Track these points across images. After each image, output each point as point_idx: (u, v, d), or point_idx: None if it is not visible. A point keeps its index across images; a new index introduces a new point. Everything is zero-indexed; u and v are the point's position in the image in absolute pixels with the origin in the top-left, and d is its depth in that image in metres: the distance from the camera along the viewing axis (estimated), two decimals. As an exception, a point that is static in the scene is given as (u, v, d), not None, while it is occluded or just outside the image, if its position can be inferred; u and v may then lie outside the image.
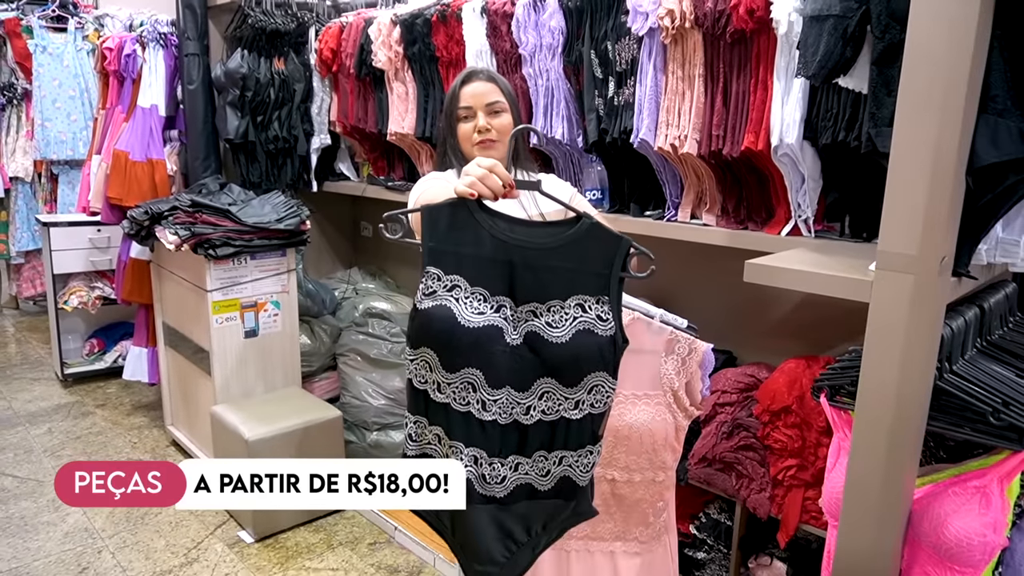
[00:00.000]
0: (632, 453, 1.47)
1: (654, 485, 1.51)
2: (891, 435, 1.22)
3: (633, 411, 1.45)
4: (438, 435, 1.18)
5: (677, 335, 1.46)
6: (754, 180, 1.81)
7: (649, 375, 1.46)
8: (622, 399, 1.44)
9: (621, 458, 1.48)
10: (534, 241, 1.14)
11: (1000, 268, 1.53)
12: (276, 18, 3.04)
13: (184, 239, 2.57)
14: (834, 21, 1.32)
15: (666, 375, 1.47)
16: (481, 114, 1.53)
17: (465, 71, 1.60)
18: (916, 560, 1.31)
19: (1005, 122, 1.12)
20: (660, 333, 1.46)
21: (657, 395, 1.47)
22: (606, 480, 1.50)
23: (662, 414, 1.46)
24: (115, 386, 4.03)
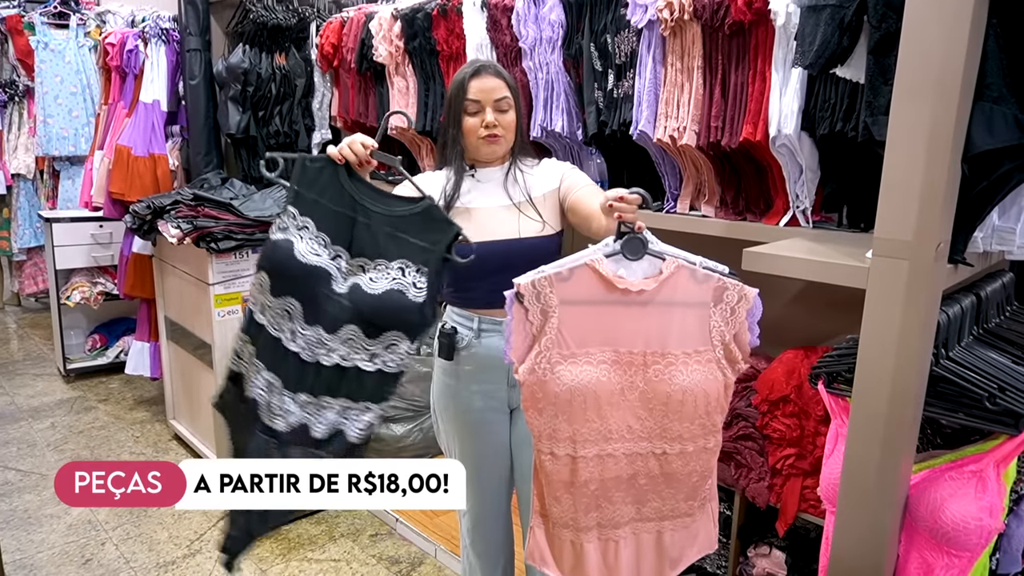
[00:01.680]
0: (686, 420, 1.33)
1: (705, 453, 1.38)
2: (888, 421, 1.23)
3: (685, 372, 1.30)
4: (251, 353, 1.33)
5: (725, 282, 1.31)
6: (752, 171, 1.82)
7: (697, 329, 1.31)
8: (671, 360, 1.30)
9: (674, 427, 1.33)
10: (381, 208, 1.34)
11: (996, 256, 1.54)
12: (277, 13, 3.06)
13: (186, 232, 2.58)
14: (831, 11, 1.33)
15: (716, 327, 1.32)
16: (489, 109, 1.55)
17: (474, 64, 1.61)
18: (913, 545, 1.32)
19: (1000, 109, 1.13)
20: (707, 281, 1.31)
21: (707, 351, 1.32)
22: (654, 456, 1.35)
23: (713, 372, 1.32)
24: (117, 381, 4.05)
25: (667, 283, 1.27)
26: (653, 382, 1.30)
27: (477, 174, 1.66)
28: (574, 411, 1.28)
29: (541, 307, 1.25)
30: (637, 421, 1.32)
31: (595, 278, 1.26)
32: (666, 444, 1.35)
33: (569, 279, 1.26)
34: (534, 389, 1.28)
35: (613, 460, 1.32)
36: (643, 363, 1.29)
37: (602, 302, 1.27)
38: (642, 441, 1.33)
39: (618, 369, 1.29)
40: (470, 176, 1.66)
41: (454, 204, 1.62)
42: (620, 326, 1.29)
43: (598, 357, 1.28)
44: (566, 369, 1.26)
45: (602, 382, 1.27)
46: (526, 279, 1.25)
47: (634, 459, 1.33)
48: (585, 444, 1.30)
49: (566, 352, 1.27)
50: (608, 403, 1.29)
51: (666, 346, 1.29)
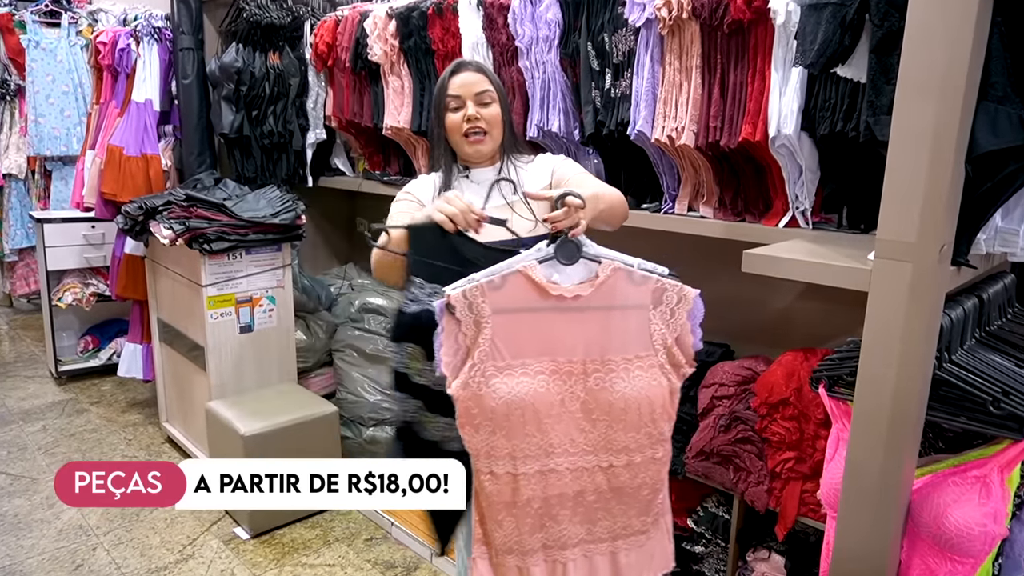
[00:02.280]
0: (631, 429, 1.28)
1: (654, 464, 1.33)
2: (890, 425, 1.22)
3: (627, 378, 1.25)
4: (418, 406, 1.38)
5: (664, 283, 1.26)
6: (751, 171, 1.81)
7: (638, 333, 1.27)
8: (611, 367, 1.25)
9: (619, 437, 1.28)
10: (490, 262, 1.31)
11: (999, 258, 1.53)
12: (271, 12, 3.02)
13: (179, 234, 2.55)
14: (832, 9, 1.31)
15: (657, 330, 1.27)
16: (470, 103, 1.53)
17: (454, 62, 1.61)
18: (916, 550, 1.30)
19: (1005, 109, 1.11)
20: (644, 283, 1.26)
21: (649, 355, 1.27)
22: (601, 470, 1.31)
23: (656, 377, 1.27)
24: (110, 383, 4.01)
25: (603, 287, 1.24)
26: (594, 391, 1.25)
27: (471, 175, 1.64)
28: (512, 425, 1.24)
29: (474, 318, 1.21)
30: (580, 433, 1.27)
31: (528, 285, 1.23)
32: (612, 456, 1.30)
33: (502, 287, 1.22)
34: (469, 405, 1.23)
35: (556, 476, 1.27)
36: (583, 372, 1.25)
37: (537, 309, 1.23)
38: (587, 454, 1.28)
39: (557, 379, 1.25)
40: (464, 177, 1.63)
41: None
42: (557, 334, 1.25)
43: (535, 367, 1.24)
44: (502, 382, 1.22)
45: (540, 393, 1.23)
46: (456, 289, 1.21)
47: (579, 474, 1.29)
48: (526, 460, 1.26)
49: (501, 364, 1.22)
50: (548, 415, 1.25)
51: (606, 352, 1.25)
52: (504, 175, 1.63)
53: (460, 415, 1.24)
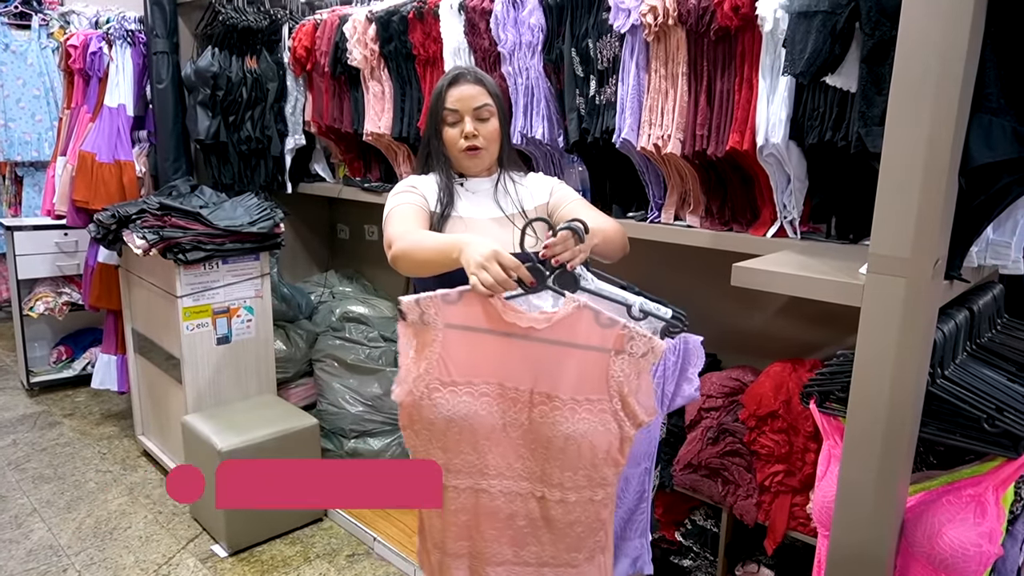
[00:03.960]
0: (568, 469, 1.25)
1: (591, 505, 1.29)
2: (884, 442, 1.19)
3: (572, 419, 1.22)
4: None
5: (632, 330, 1.21)
6: (739, 181, 1.78)
7: (594, 376, 1.22)
8: (558, 404, 1.22)
9: (555, 474, 1.26)
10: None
11: (989, 270, 1.51)
12: (248, 15, 2.96)
13: (152, 243, 2.48)
14: (823, 17, 1.28)
15: (615, 377, 1.22)
16: (468, 119, 1.49)
17: (452, 71, 1.55)
18: (909, 570, 1.28)
19: (999, 121, 1.09)
20: (611, 327, 1.21)
21: (602, 400, 1.23)
22: (535, 498, 1.29)
23: (606, 423, 1.23)
24: (84, 395, 3.91)
25: (563, 323, 1.21)
26: (537, 423, 1.24)
27: (467, 184, 1.61)
28: (449, 442, 1.24)
29: (425, 328, 1.21)
30: (518, 459, 1.26)
31: (484, 305, 1.21)
32: (546, 489, 1.28)
33: (457, 303, 1.20)
34: (411, 412, 1.24)
35: (488, 496, 1.27)
36: (529, 401, 1.23)
37: (490, 332, 1.22)
38: (522, 481, 1.28)
39: (502, 404, 1.23)
40: (459, 185, 1.60)
41: (449, 213, 1.55)
42: (508, 360, 1.22)
43: (481, 389, 1.22)
44: (444, 397, 1.21)
45: (481, 416, 1.22)
46: (410, 297, 1.20)
47: (513, 498, 1.28)
48: (458, 475, 1.27)
49: (446, 379, 1.21)
50: (486, 438, 1.24)
51: (555, 388, 1.22)
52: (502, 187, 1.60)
53: (401, 418, 1.26)
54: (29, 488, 2.89)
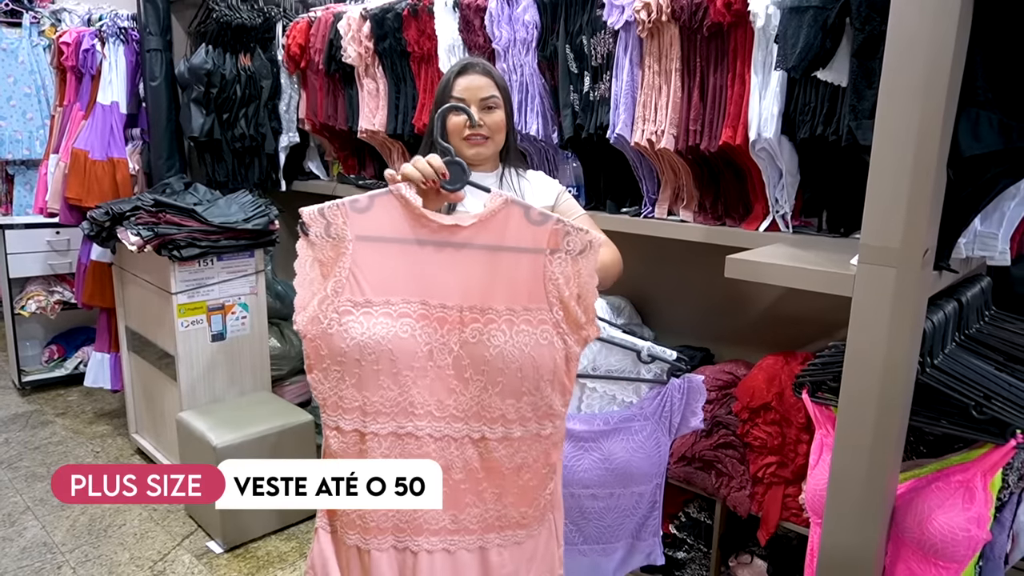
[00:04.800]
0: (510, 395, 1.07)
1: (539, 443, 1.12)
2: (875, 431, 1.21)
3: (510, 333, 1.05)
4: None
5: (567, 226, 1.07)
6: (732, 175, 1.80)
7: (530, 281, 1.07)
8: (493, 317, 1.06)
9: (495, 404, 1.08)
10: None
11: (976, 261, 1.53)
12: (242, 13, 2.96)
13: (147, 240, 2.48)
14: (814, 12, 1.30)
15: (552, 280, 1.07)
16: (474, 108, 1.49)
17: (462, 61, 1.55)
18: (900, 556, 1.30)
19: (986, 114, 1.11)
20: (543, 222, 1.07)
21: (541, 310, 1.07)
22: (471, 441, 1.10)
23: (548, 336, 1.07)
24: (76, 394, 3.89)
25: (491, 222, 1.07)
26: (470, 344, 1.06)
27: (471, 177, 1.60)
28: (364, 374, 1.05)
29: (331, 242, 1.04)
30: (450, 395, 1.08)
31: (401, 210, 1.06)
32: (485, 426, 1.09)
33: (368, 209, 1.05)
34: (317, 344, 1.05)
35: (416, 443, 1.08)
36: (459, 320, 1.07)
37: (410, 241, 1.06)
38: (456, 421, 1.09)
39: (427, 326, 1.06)
40: None
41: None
42: (433, 272, 1.06)
43: (400, 308, 1.05)
44: (356, 321, 1.03)
45: (402, 339, 1.04)
46: (312, 208, 1.04)
47: (446, 445, 1.09)
48: (377, 418, 1.07)
49: (359, 299, 1.04)
50: (410, 367, 1.06)
51: (488, 300, 1.06)
52: (507, 182, 1.58)
53: (308, 356, 1.08)
54: (22, 486, 2.88)
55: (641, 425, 1.45)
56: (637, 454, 1.44)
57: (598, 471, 1.43)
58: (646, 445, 1.44)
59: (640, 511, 1.52)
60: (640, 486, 1.48)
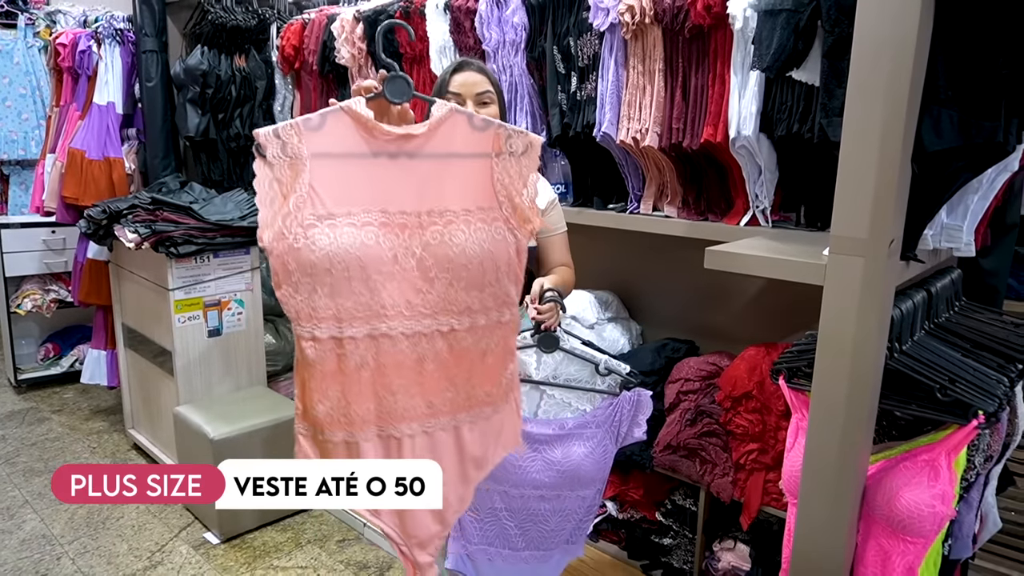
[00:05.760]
0: (474, 288, 1.17)
1: (500, 328, 1.23)
2: (846, 413, 1.27)
3: (469, 231, 1.15)
4: None
5: (508, 129, 1.17)
6: (713, 172, 1.86)
7: (480, 183, 1.16)
8: (450, 218, 1.14)
9: (460, 298, 1.17)
10: None
11: (945, 254, 1.60)
12: (236, 15, 3.01)
13: (145, 237, 2.53)
14: (787, 15, 1.36)
15: (500, 180, 1.17)
16: (470, 103, 1.56)
17: (457, 60, 1.62)
18: (871, 533, 1.36)
19: (947, 111, 1.17)
20: (485, 128, 1.16)
21: (492, 209, 1.17)
22: (441, 334, 1.18)
23: (500, 232, 1.17)
24: (72, 391, 3.93)
25: (439, 130, 1.13)
26: (432, 246, 1.14)
27: None
28: (336, 282, 1.10)
29: (288, 161, 1.07)
30: (417, 295, 1.15)
31: (354, 126, 1.10)
32: (453, 319, 1.18)
33: (321, 127, 1.08)
34: (285, 260, 1.08)
35: (390, 341, 1.15)
36: (419, 224, 1.14)
37: (365, 155, 1.11)
38: (425, 318, 1.16)
39: (389, 232, 1.12)
40: None
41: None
42: (389, 182, 1.12)
43: (363, 218, 1.10)
44: (322, 232, 1.07)
45: (368, 246, 1.10)
46: (267, 128, 1.07)
47: (417, 340, 1.17)
48: (352, 322, 1.12)
49: (322, 212, 1.08)
50: (378, 272, 1.12)
51: (444, 203, 1.14)
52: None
53: (275, 272, 1.10)
54: (20, 481, 2.91)
55: (592, 432, 1.53)
56: (587, 459, 1.52)
57: (550, 473, 1.51)
58: (596, 451, 1.53)
59: (579, 514, 1.59)
60: (585, 489, 1.56)
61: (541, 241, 1.67)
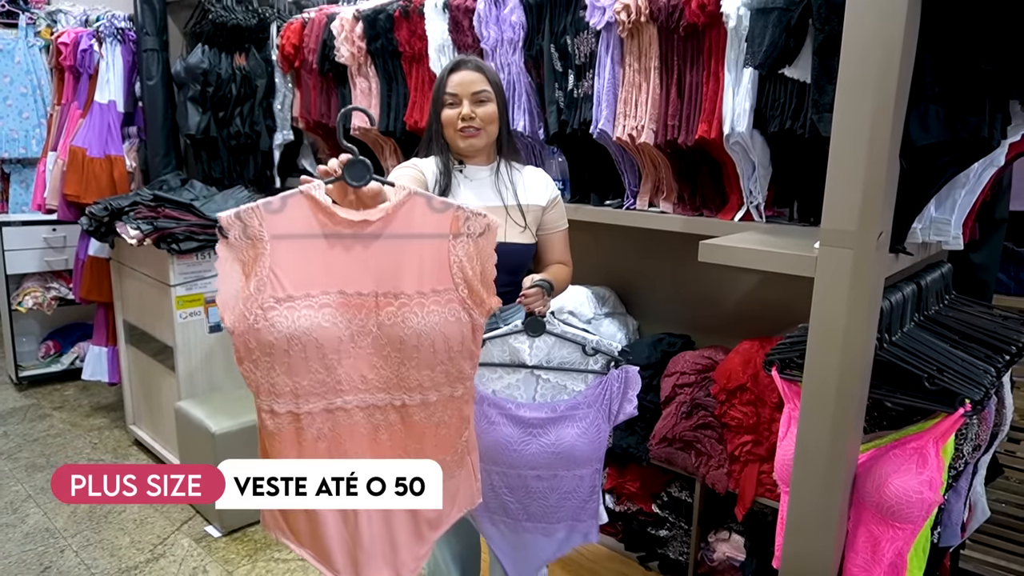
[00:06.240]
0: (425, 367, 1.20)
1: (453, 402, 1.26)
2: (836, 402, 1.30)
3: (421, 314, 1.17)
4: None
5: (466, 210, 1.19)
6: (708, 168, 1.89)
7: (436, 265, 1.19)
8: (405, 301, 1.17)
9: (412, 376, 1.20)
10: None
11: (935, 248, 1.64)
12: (237, 14, 3.04)
13: (147, 234, 2.55)
14: (778, 14, 1.39)
15: (456, 262, 1.19)
16: (466, 102, 1.57)
17: (455, 59, 1.63)
18: (861, 520, 1.39)
19: (934, 107, 1.21)
20: (444, 210, 1.19)
21: (448, 291, 1.19)
22: (394, 408, 1.23)
23: (455, 313, 1.20)
24: (73, 388, 3.95)
25: (397, 214, 1.16)
26: (386, 326, 1.17)
27: (466, 171, 1.65)
28: (293, 362, 1.14)
29: (250, 243, 1.11)
30: (372, 370, 1.19)
31: (313, 209, 1.13)
32: (405, 395, 1.22)
33: (281, 210, 1.12)
34: (247, 339, 1.12)
35: (345, 414, 1.20)
36: (375, 305, 1.17)
37: (322, 236, 1.14)
38: (379, 392, 1.21)
39: (346, 313, 1.16)
40: (458, 171, 1.65)
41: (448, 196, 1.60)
42: (347, 264, 1.15)
43: (320, 300, 1.14)
44: (281, 315, 1.11)
45: (325, 328, 1.14)
46: (229, 211, 1.10)
47: (372, 412, 1.21)
48: (309, 398, 1.17)
49: (281, 295, 1.12)
50: (335, 351, 1.16)
51: (399, 286, 1.17)
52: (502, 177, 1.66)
53: (237, 350, 1.15)
54: (22, 476, 2.94)
55: (584, 413, 1.55)
56: (581, 439, 1.54)
57: (545, 455, 1.53)
58: (589, 431, 1.55)
59: (581, 493, 1.61)
60: (582, 469, 1.58)
61: (541, 238, 1.69)
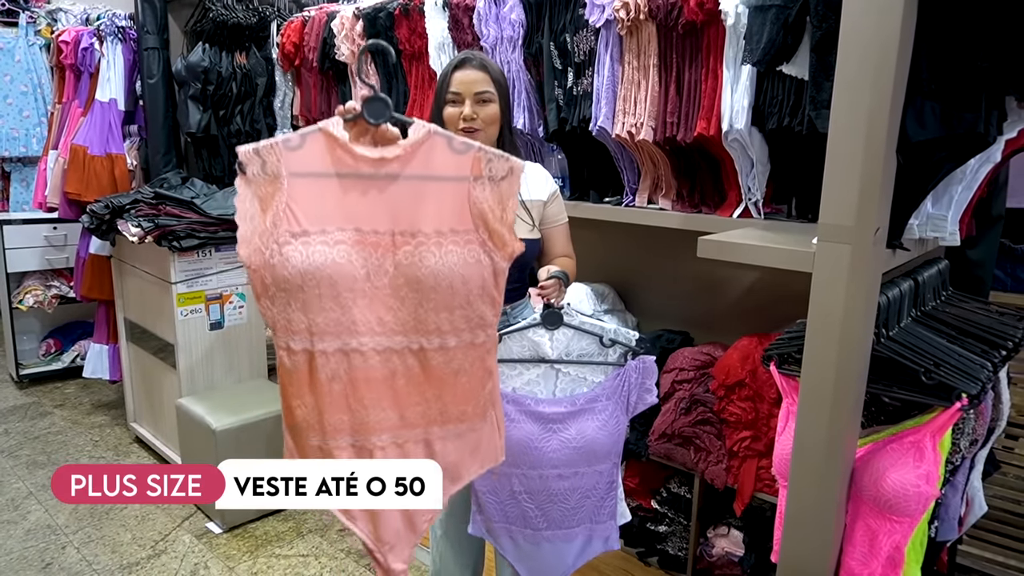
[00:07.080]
0: (443, 309, 1.17)
1: (473, 350, 1.23)
2: (834, 396, 1.31)
3: (439, 254, 1.15)
4: None
5: (488, 152, 1.16)
6: (707, 165, 1.90)
7: (456, 206, 1.16)
8: (423, 240, 1.15)
9: (430, 319, 1.17)
10: None
11: (932, 243, 1.64)
12: (237, 12, 3.05)
13: (148, 231, 2.56)
14: (776, 11, 1.40)
15: (476, 204, 1.16)
16: (468, 102, 1.57)
17: (460, 56, 1.63)
18: (859, 514, 1.40)
19: (930, 103, 1.22)
20: (466, 151, 1.16)
21: (467, 232, 1.16)
22: (411, 352, 1.20)
23: (475, 254, 1.17)
24: (73, 386, 3.96)
25: (417, 153, 1.14)
26: (403, 266, 1.15)
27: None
28: (308, 298, 1.12)
29: (268, 178, 1.10)
30: (389, 312, 1.17)
31: (331, 146, 1.12)
32: (423, 338, 1.18)
33: (300, 147, 1.11)
34: (262, 274, 1.11)
35: (361, 356, 1.17)
36: (391, 244, 1.15)
37: (341, 175, 1.13)
38: (396, 335, 1.18)
39: (362, 251, 1.14)
40: None
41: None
42: (363, 203, 1.13)
43: (335, 237, 1.12)
44: (296, 250, 1.10)
45: (340, 264, 1.12)
46: (248, 146, 1.10)
47: (388, 356, 1.18)
48: (324, 337, 1.14)
49: (296, 230, 1.10)
50: (349, 290, 1.14)
51: (417, 225, 1.15)
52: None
53: (254, 286, 1.13)
54: (24, 473, 2.95)
55: (603, 405, 1.54)
56: (601, 432, 1.53)
57: (566, 451, 1.53)
58: (608, 424, 1.54)
59: (599, 490, 1.61)
60: (602, 464, 1.57)
61: (544, 232, 1.70)
